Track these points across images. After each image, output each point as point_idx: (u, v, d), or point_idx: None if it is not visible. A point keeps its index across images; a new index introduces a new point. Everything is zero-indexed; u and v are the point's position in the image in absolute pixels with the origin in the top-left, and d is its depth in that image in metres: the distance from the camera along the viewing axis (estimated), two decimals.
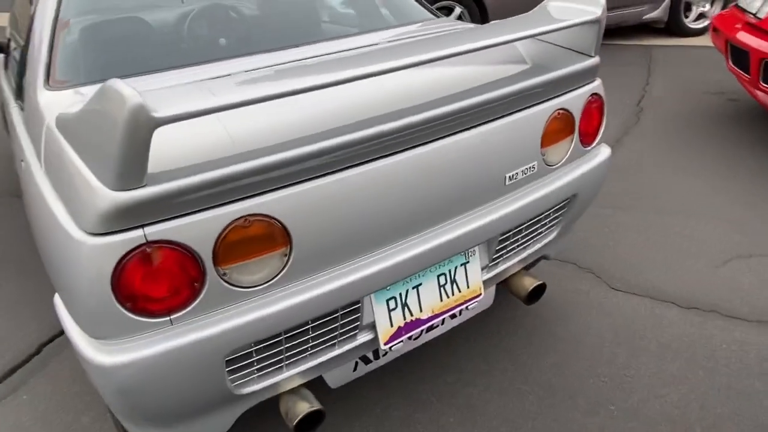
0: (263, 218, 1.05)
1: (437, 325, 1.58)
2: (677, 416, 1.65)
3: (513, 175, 1.40)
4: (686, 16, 5.62)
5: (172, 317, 1.03)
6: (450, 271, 1.44)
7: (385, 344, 1.37)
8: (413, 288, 1.39)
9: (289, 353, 1.24)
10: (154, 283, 0.99)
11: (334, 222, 1.14)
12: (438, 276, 1.42)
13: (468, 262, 1.47)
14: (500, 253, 1.53)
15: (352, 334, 1.33)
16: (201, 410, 1.18)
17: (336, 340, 1.31)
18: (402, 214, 1.24)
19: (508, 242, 1.52)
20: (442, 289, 1.44)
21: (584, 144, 1.58)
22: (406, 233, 1.28)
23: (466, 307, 1.54)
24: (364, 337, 1.35)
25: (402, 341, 1.40)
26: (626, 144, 3.44)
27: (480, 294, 1.51)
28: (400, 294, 1.37)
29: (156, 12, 1.75)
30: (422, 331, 1.53)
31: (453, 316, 1.60)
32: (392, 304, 1.36)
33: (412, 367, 1.88)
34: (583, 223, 2.62)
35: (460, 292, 1.47)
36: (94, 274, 0.95)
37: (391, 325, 1.37)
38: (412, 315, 1.40)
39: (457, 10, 4.86)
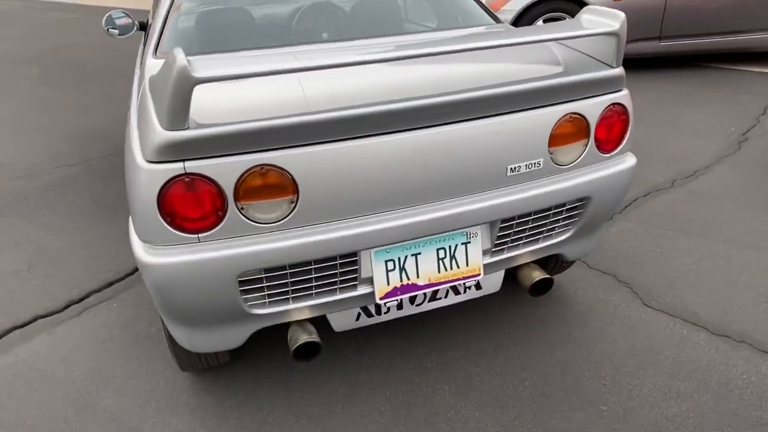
0: (277, 169, 1.31)
1: (441, 297, 1.76)
2: (668, 429, 1.67)
3: (515, 168, 1.54)
4: None
5: (199, 236, 1.33)
6: (450, 247, 1.61)
7: (381, 299, 1.57)
8: (412, 255, 1.58)
9: (294, 287, 1.49)
10: (188, 206, 1.29)
11: (339, 182, 1.37)
12: (438, 249, 1.60)
13: (469, 242, 1.63)
14: (503, 239, 1.66)
15: (352, 284, 1.56)
16: (220, 319, 1.48)
17: (337, 286, 1.54)
18: (402, 186, 1.44)
19: (511, 231, 1.65)
20: (441, 261, 1.61)
21: (603, 150, 1.66)
22: (405, 203, 1.47)
23: (464, 284, 1.70)
24: (363, 290, 1.57)
25: (397, 300, 1.60)
26: (716, 171, 3.29)
27: (479, 274, 1.66)
28: (399, 258, 1.57)
29: (253, 4, 2.11)
30: (425, 297, 1.71)
31: (457, 292, 1.77)
32: (390, 265, 1.56)
33: (424, 337, 2.06)
34: (638, 239, 2.60)
35: (458, 267, 1.64)
36: (147, 192, 1.27)
37: (388, 284, 1.57)
38: (408, 279, 1.59)
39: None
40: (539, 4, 4.77)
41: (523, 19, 4.81)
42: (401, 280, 1.59)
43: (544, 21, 4.87)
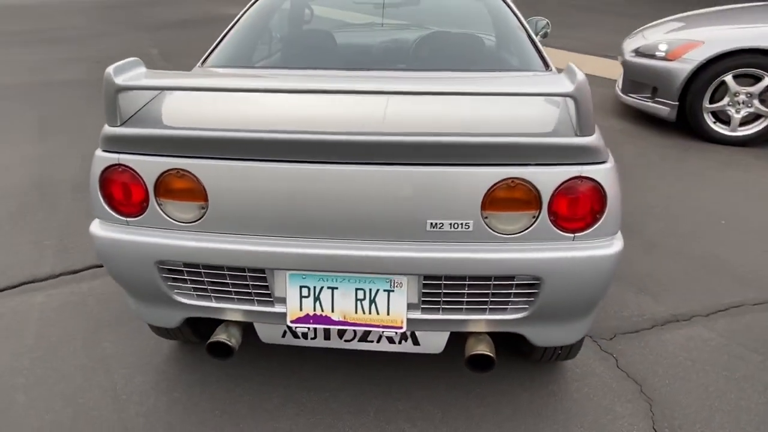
0: (190, 175, 1.44)
1: (372, 340, 1.70)
2: None
3: (437, 224, 1.41)
4: None
5: (129, 220, 1.53)
6: (370, 290, 1.55)
7: (291, 322, 1.59)
8: (329, 288, 1.56)
9: (213, 287, 1.60)
10: (120, 192, 1.50)
11: (248, 199, 1.44)
12: (357, 289, 1.55)
13: (393, 291, 1.54)
14: (433, 297, 1.54)
15: (268, 299, 1.60)
16: (151, 297, 1.66)
17: (254, 298, 1.61)
18: (314, 216, 1.44)
19: (439, 290, 1.51)
20: (359, 302, 1.56)
21: (563, 228, 1.42)
22: (319, 234, 1.47)
23: (382, 333, 1.62)
24: (280, 308, 1.61)
25: (308, 327, 1.60)
26: None
27: (401, 326, 1.56)
28: (315, 287, 1.56)
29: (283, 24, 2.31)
30: (355, 334, 1.68)
31: (391, 342, 1.69)
32: (305, 291, 1.57)
33: (383, 379, 1.98)
34: (707, 353, 2.10)
35: (378, 314, 1.56)
36: (94, 173, 1.52)
37: (300, 309, 1.58)
38: (322, 310, 1.58)
39: (766, 80, 4.04)
40: (728, 56, 4.06)
41: (707, 70, 4.14)
42: (314, 310, 1.58)
43: (734, 77, 4.12)
